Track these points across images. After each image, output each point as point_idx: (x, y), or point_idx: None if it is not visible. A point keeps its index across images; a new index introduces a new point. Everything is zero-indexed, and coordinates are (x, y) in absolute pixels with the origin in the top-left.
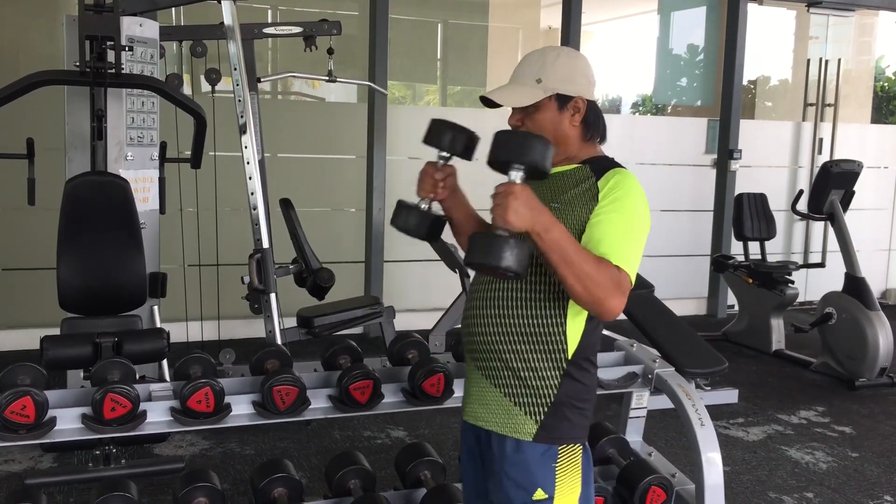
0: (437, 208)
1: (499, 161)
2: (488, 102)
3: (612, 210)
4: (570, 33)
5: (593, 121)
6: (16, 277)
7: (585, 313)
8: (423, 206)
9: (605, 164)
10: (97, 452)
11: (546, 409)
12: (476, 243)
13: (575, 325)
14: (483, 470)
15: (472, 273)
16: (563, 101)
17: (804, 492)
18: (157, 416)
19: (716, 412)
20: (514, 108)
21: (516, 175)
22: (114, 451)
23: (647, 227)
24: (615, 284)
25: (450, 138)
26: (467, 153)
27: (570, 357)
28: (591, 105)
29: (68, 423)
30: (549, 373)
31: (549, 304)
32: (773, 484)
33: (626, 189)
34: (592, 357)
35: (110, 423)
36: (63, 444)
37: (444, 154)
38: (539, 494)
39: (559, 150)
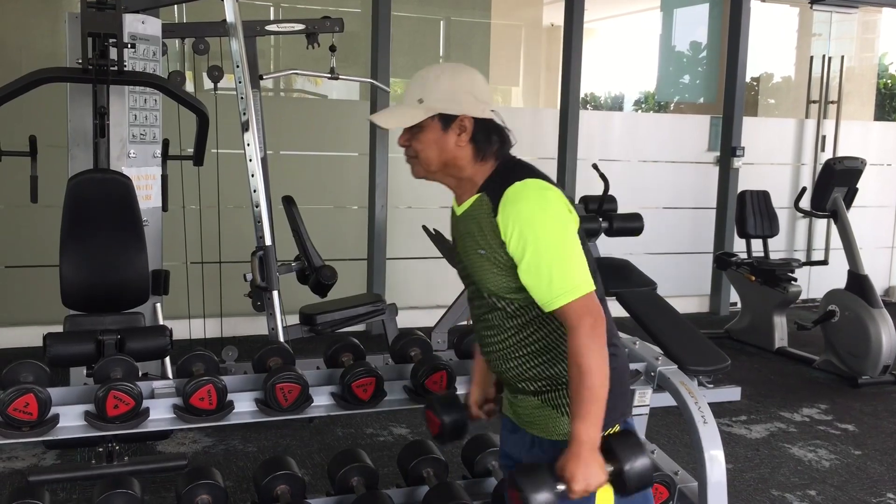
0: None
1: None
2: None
3: (525, 250)
4: (572, 30)
5: (483, 139)
6: (19, 275)
7: None
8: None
9: (499, 186)
10: (100, 449)
11: None
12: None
13: None
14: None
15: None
16: (446, 120)
17: (807, 489)
18: (160, 414)
19: (718, 410)
20: (404, 130)
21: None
22: (117, 448)
23: (566, 232)
24: (589, 332)
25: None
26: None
27: None
28: (480, 123)
29: (71, 420)
30: None
31: (547, 321)
32: (775, 482)
33: (522, 218)
34: (613, 338)
35: (113, 421)
36: (66, 441)
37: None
38: None
39: (450, 169)
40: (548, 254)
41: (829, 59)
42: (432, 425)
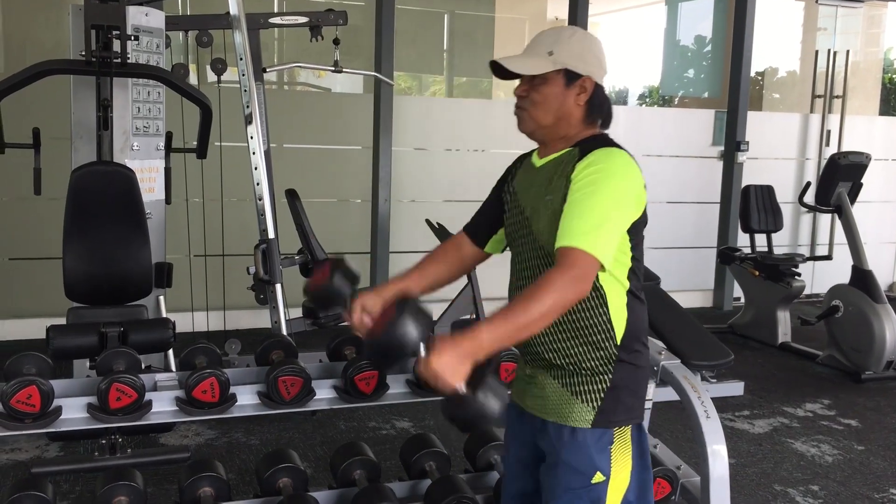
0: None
1: (395, 357)
2: (497, 72)
3: (581, 189)
4: (576, 24)
5: (598, 104)
6: (22, 267)
7: (626, 299)
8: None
9: (594, 144)
10: (103, 442)
11: (602, 394)
12: (451, 410)
13: (618, 312)
14: (532, 458)
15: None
16: (570, 77)
17: (809, 485)
18: (163, 406)
19: (721, 404)
20: (521, 79)
21: (421, 350)
22: (119, 440)
23: (626, 205)
24: (568, 282)
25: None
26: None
27: (619, 343)
28: (599, 88)
29: (74, 412)
30: (601, 362)
31: (591, 296)
32: (778, 476)
33: (604, 168)
34: (643, 338)
35: (116, 413)
36: (69, 433)
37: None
38: (598, 477)
39: (558, 126)
40: (597, 203)
41: (835, 53)
42: (319, 275)
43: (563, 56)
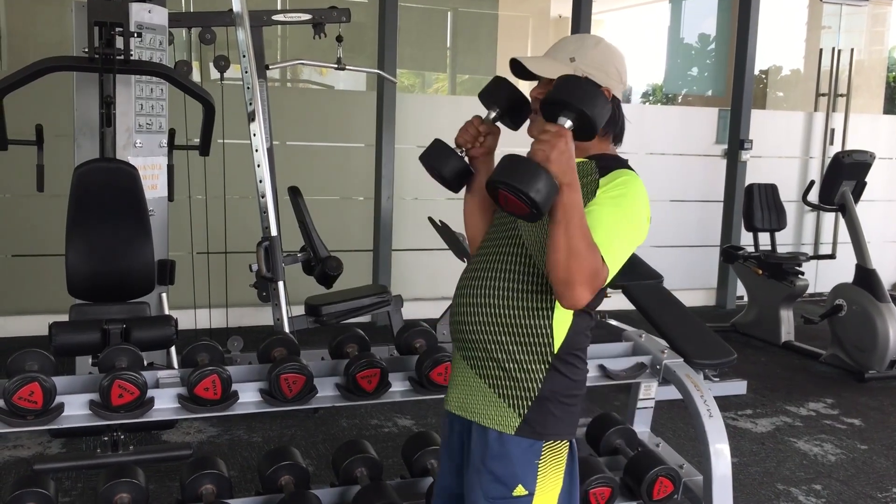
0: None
1: (556, 101)
2: (517, 72)
3: (609, 203)
4: (580, 22)
5: (614, 117)
6: (25, 264)
7: (568, 321)
8: (458, 151)
9: (613, 163)
10: (105, 439)
11: (530, 402)
12: (510, 163)
13: (562, 319)
14: (463, 462)
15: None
16: None
17: (812, 484)
18: (165, 403)
19: (724, 403)
20: (540, 81)
21: (565, 122)
22: (122, 437)
23: (640, 234)
24: (593, 274)
25: (506, 98)
26: (516, 119)
27: (555, 351)
28: (616, 101)
29: (76, 409)
30: (533, 366)
31: (537, 297)
32: (781, 476)
33: (630, 190)
34: (581, 353)
35: (118, 410)
36: (71, 430)
37: (494, 113)
38: (519, 490)
39: None
40: (612, 221)
41: (839, 51)
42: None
43: (584, 64)
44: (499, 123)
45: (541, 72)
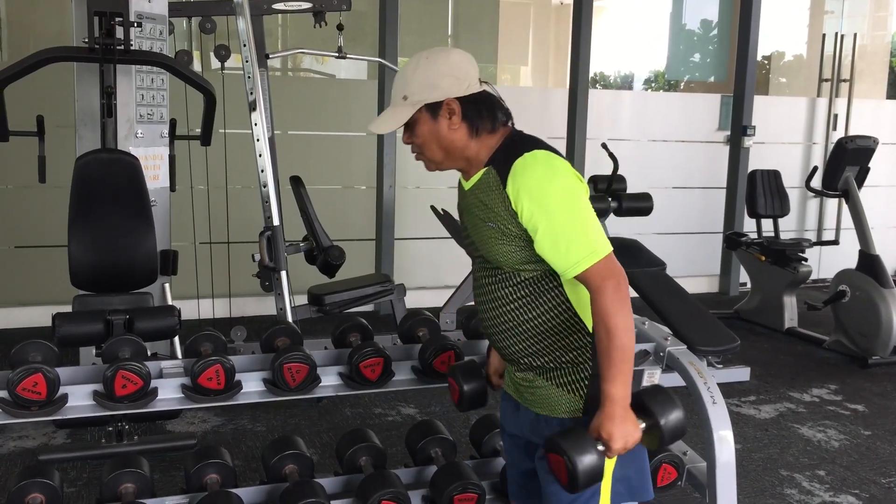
0: None
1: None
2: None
3: (540, 222)
4: (581, 9)
5: (473, 115)
6: (27, 255)
7: (587, 293)
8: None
9: (505, 160)
10: (110, 429)
11: (586, 382)
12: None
13: (582, 303)
14: (530, 445)
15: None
16: (433, 109)
17: (816, 470)
18: (169, 394)
19: (728, 390)
20: (403, 129)
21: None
22: (126, 427)
23: (577, 198)
24: (613, 297)
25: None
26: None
27: (591, 331)
28: (467, 100)
29: (80, 399)
30: (578, 353)
31: (552, 296)
32: (784, 462)
33: (532, 187)
34: None
35: (121, 400)
36: (76, 420)
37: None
38: None
39: (453, 155)
40: (562, 221)
41: (842, 36)
42: (453, 392)
43: (415, 95)
44: None
45: (384, 129)
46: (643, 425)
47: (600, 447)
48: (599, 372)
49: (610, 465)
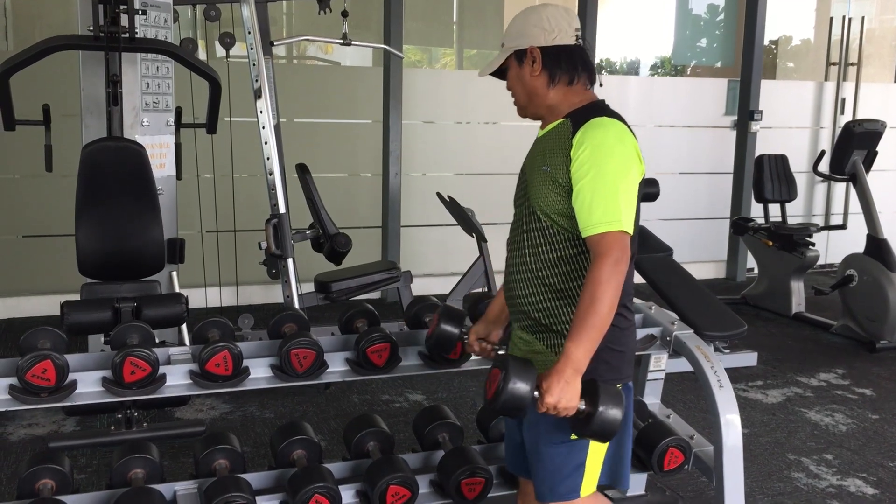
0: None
1: (520, 411)
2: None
3: (587, 173)
4: None
5: (552, 64)
6: (35, 244)
7: None
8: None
9: (584, 116)
10: (119, 416)
11: None
12: (581, 429)
13: None
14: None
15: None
16: (519, 56)
17: (823, 453)
18: (177, 380)
19: (735, 375)
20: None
21: (534, 394)
22: (135, 414)
23: (629, 172)
24: (612, 269)
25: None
26: None
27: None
28: (549, 50)
29: (89, 386)
30: None
31: (574, 261)
32: (791, 446)
33: (598, 143)
34: (626, 301)
35: (130, 387)
36: (85, 407)
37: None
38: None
39: (535, 102)
40: (604, 182)
41: (849, 20)
42: (430, 326)
43: (509, 42)
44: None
45: (484, 73)
46: (582, 405)
47: (536, 393)
48: (570, 331)
49: (603, 445)
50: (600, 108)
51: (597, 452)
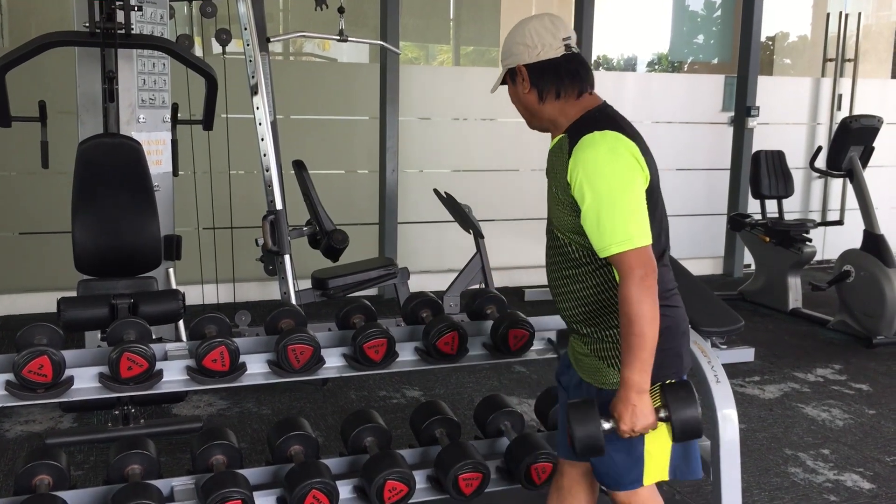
0: None
1: (599, 450)
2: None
3: (586, 197)
4: None
5: (537, 81)
6: (32, 241)
7: None
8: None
9: (578, 132)
10: (116, 413)
11: None
12: (676, 438)
13: None
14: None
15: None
16: (512, 74)
17: (820, 448)
18: (174, 376)
19: (732, 370)
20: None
21: (609, 426)
22: (132, 411)
23: (630, 184)
24: (639, 286)
25: None
26: None
27: None
28: (534, 67)
29: (86, 382)
30: (618, 330)
31: (597, 275)
32: (788, 441)
33: (588, 166)
34: (666, 294)
35: (127, 382)
36: (82, 404)
37: None
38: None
39: (535, 118)
40: (606, 203)
41: (846, 16)
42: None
43: (503, 60)
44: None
45: (492, 90)
46: (662, 414)
47: (608, 425)
48: (621, 357)
49: (668, 441)
50: (593, 121)
51: (654, 442)
